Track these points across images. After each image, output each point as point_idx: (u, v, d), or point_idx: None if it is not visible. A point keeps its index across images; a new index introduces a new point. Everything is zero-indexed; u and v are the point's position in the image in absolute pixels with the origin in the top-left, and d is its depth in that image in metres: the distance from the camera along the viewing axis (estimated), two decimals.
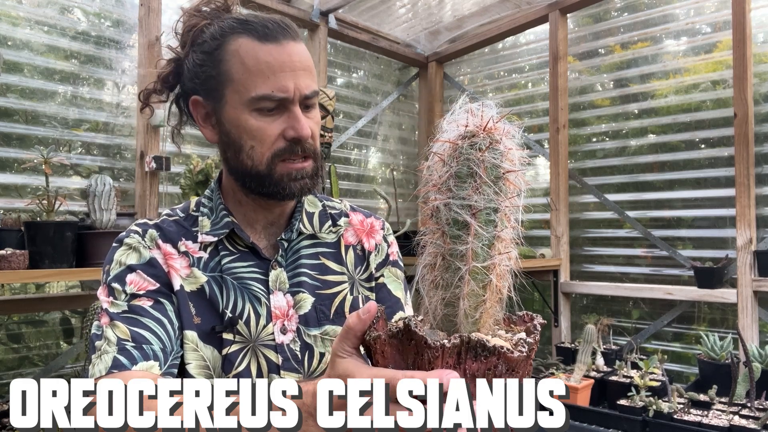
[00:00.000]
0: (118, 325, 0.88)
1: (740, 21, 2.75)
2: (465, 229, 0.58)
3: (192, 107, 1.00)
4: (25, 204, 2.09)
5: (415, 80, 4.16)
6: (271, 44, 0.92)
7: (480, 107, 0.61)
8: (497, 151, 0.59)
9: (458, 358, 0.55)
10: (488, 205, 0.58)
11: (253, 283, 0.96)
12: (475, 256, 0.58)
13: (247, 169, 0.94)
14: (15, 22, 2.30)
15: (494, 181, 0.58)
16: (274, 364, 0.94)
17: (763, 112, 2.82)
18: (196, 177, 2.53)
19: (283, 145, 0.93)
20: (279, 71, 0.91)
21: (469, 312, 0.59)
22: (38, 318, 2.40)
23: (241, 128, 0.93)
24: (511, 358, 0.55)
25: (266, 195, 0.96)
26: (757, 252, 2.70)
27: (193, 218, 1.01)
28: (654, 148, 3.20)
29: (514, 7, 3.54)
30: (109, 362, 0.84)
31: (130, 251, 0.95)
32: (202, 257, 0.97)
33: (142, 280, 0.92)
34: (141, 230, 0.98)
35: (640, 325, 3.22)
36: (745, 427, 2.10)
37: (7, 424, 1.95)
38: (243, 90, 0.92)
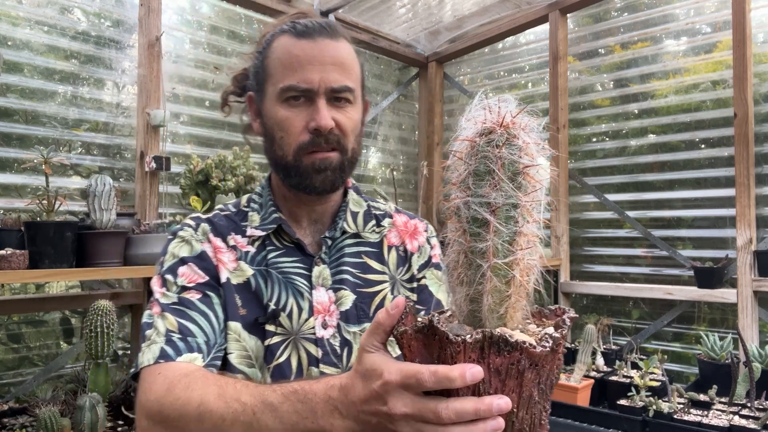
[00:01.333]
0: (167, 316, 0.92)
1: (740, 21, 2.75)
2: (485, 227, 0.58)
3: (248, 104, 1.07)
4: (25, 204, 2.09)
5: (415, 80, 4.15)
6: (305, 40, 0.97)
7: (497, 102, 0.61)
8: (514, 146, 0.59)
9: (481, 352, 0.55)
10: (507, 202, 0.58)
11: (296, 277, 1.00)
12: (495, 253, 0.58)
13: (278, 160, 0.99)
14: (15, 22, 2.29)
15: (512, 177, 0.58)
16: (313, 357, 0.96)
17: (763, 112, 2.82)
18: (196, 177, 2.53)
19: (308, 137, 0.96)
20: (307, 64, 0.95)
21: (494, 307, 0.59)
22: (38, 318, 2.40)
23: (273, 119, 0.98)
24: (533, 353, 0.55)
25: (294, 186, 1.00)
26: (757, 252, 2.70)
27: (243, 213, 1.06)
28: (654, 148, 3.20)
29: (514, 7, 3.54)
30: (157, 352, 0.88)
31: (183, 243, 1.00)
32: (249, 251, 1.00)
33: (192, 273, 0.97)
34: (194, 224, 1.03)
35: (640, 325, 3.22)
36: (745, 427, 2.10)
37: (6, 424, 1.95)
38: (276, 82, 0.97)
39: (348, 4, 3.20)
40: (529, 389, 0.56)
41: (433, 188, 4.01)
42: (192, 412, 0.75)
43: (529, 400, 0.57)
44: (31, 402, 2.00)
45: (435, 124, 4.10)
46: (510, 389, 0.56)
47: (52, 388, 2.13)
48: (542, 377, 0.57)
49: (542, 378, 0.57)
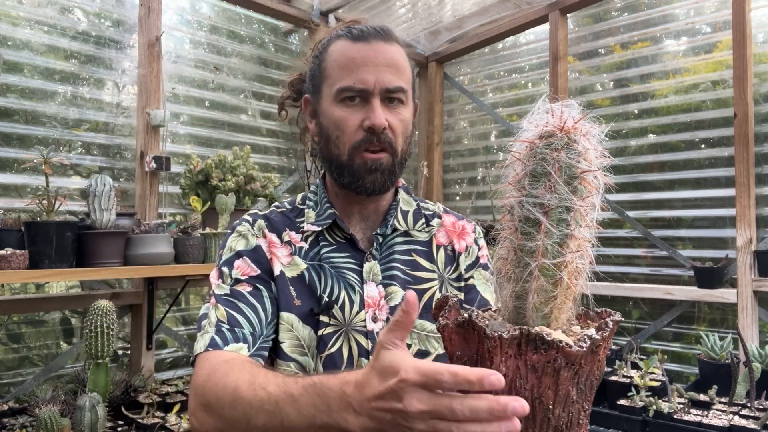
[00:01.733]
0: (220, 307, 0.99)
1: (740, 21, 2.75)
2: (536, 227, 0.59)
3: (303, 106, 1.11)
4: (25, 204, 2.09)
5: (415, 80, 4.15)
6: (360, 43, 1.01)
7: (560, 107, 0.62)
8: (573, 150, 0.60)
9: (518, 349, 0.56)
10: (561, 204, 0.59)
11: (348, 272, 1.04)
12: (545, 253, 0.59)
13: (333, 158, 1.03)
14: (15, 22, 2.30)
15: (568, 181, 0.59)
16: (364, 349, 1.00)
17: (763, 112, 2.82)
18: (196, 177, 2.53)
19: (362, 135, 1.00)
20: (363, 65, 0.99)
21: (539, 306, 0.60)
22: (38, 318, 2.40)
23: (329, 119, 1.02)
24: (569, 353, 0.55)
25: (346, 186, 1.03)
26: (757, 252, 2.70)
27: (298, 210, 1.11)
28: (654, 148, 3.20)
29: (514, 7, 3.54)
30: (207, 341, 0.95)
31: (240, 238, 1.06)
32: (303, 247, 1.05)
33: (246, 266, 1.02)
34: (251, 219, 1.08)
35: (640, 325, 3.21)
36: (745, 427, 2.10)
37: (6, 424, 1.95)
38: (333, 83, 1.02)
39: (348, 4, 3.20)
40: (566, 388, 0.57)
41: (433, 188, 4.01)
42: (227, 397, 0.81)
43: (566, 398, 0.57)
44: (31, 402, 2.00)
45: (435, 124, 4.10)
46: (546, 386, 0.57)
47: (52, 388, 2.13)
48: (581, 377, 0.58)
49: (581, 378, 0.58)
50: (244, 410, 0.78)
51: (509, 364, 0.57)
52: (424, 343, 1.03)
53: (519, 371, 0.57)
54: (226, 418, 0.81)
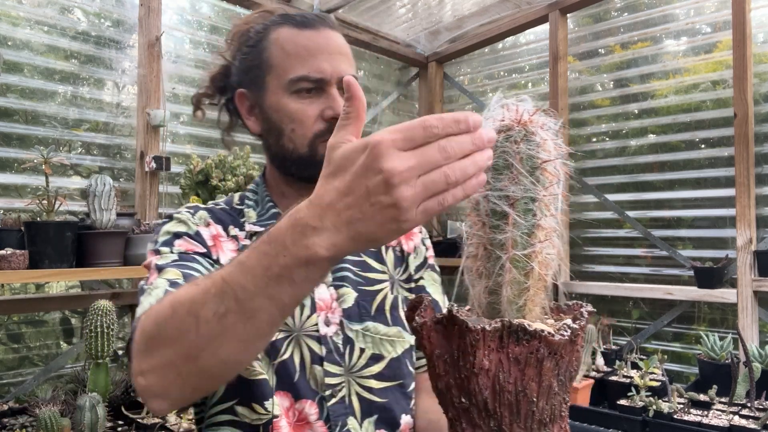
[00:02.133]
0: (169, 270, 0.85)
1: (740, 21, 2.75)
2: (504, 219, 0.59)
3: (238, 101, 1.03)
4: (25, 204, 2.09)
5: (415, 80, 4.15)
6: (309, 30, 0.96)
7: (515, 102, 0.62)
8: (533, 142, 0.60)
9: (500, 341, 0.56)
10: (525, 195, 0.59)
11: None
12: (514, 245, 0.59)
13: (288, 153, 0.97)
14: (15, 22, 2.29)
15: (531, 172, 0.60)
16: (317, 355, 0.94)
17: (763, 112, 2.82)
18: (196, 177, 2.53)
19: (323, 126, 0.94)
20: (317, 53, 0.94)
21: (513, 299, 0.60)
22: (38, 318, 2.40)
23: (281, 112, 0.96)
24: (552, 341, 0.55)
25: (308, 178, 0.94)
26: (757, 252, 2.70)
27: (237, 211, 1.03)
28: (654, 148, 3.20)
29: (514, 7, 3.53)
30: (161, 294, 0.78)
31: (179, 223, 0.96)
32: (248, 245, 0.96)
33: (189, 244, 0.93)
34: (192, 210, 1.00)
35: (640, 325, 3.21)
36: (745, 427, 2.10)
37: (6, 424, 1.95)
38: (282, 74, 0.95)
39: (348, 4, 3.20)
40: (549, 379, 0.57)
41: None
42: (166, 312, 0.64)
43: (549, 390, 0.57)
44: (31, 402, 2.00)
45: None
46: (530, 378, 0.56)
47: (52, 388, 2.13)
48: (561, 368, 0.58)
49: (561, 369, 0.58)
50: (187, 310, 0.61)
51: (492, 358, 0.56)
52: (378, 347, 0.98)
53: (502, 365, 0.56)
54: (171, 337, 0.62)
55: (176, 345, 0.62)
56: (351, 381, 0.95)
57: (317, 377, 0.93)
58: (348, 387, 0.94)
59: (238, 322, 0.58)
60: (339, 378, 0.94)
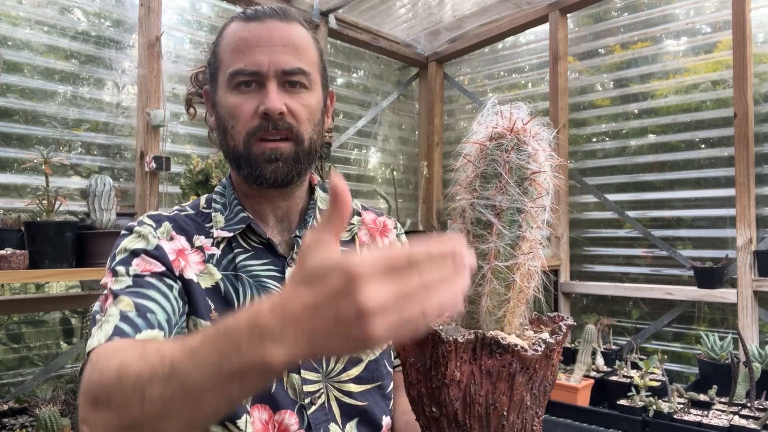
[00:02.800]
0: (122, 299, 0.81)
1: (740, 21, 2.75)
2: (488, 229, 0.59)
3: (204, 99, 1.02)
4: (25, 204, 2.09)
5: (415, 80, 4.15)
6: (253, 23, 0.92)
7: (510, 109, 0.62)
8: (523, 152, 0.59)
9: (473, 353, 0.55)
10: (512, 206, 0.59)
11: (269, 281, 0.93)
12: (497, 255, 0.58)
13: (230, 150, 0.94)
14: (15, 22, 2.29)
15: (519, 182, 0.59)
16: None
17: (763, 112, 2.82)
18: (196, 177, 2.53)
19: (257, 122, 0.90)
20: (255, 46, 0.90)
21: (492, 310, 0.59)
22: (38, 318, 2.40)
23: (224, 108, 0.93)
24: (524, 356, 0.55)
25: (246, 178, 0.94)
26: (757, 252, 2.70)
27: (204, 215, 0.99)
28: (654, 148, 3.20)
29: (514, 7, 3.54)
30: (110, 331, 0.76)
31: (138, 238, 0.91)
32: (215, 254, 0.94)
33: (146, 263, 0.88)
34: (154, 222, 0.94)
35: (640, 325, 3.21)
36: (745, 427, 2.10)
37: (6, 424, 1.95)
38: (225, 68, 0.93)
39: (348, 4, 3.20)
40: (521, 393, 0.56)
41: (433, 188, 4.01)
42: (112, 376, 0.62)
43: (520, 404, 0.57)
44: (31, 402, 2.00)
45: (435, 124, 4.09)
46: (501, 392, 0.56)
47: (52, 388, 2.13)
48: (535, 383, 0.57)
49: (535, 383, 0.57)
50: (133, 383, 0.59)
51: (464, 370, 0.55)
52: None
53: (474, 377, 0.55)
54: (115, 405, 0.61)
55: (120, 414, 0.60)
56: (329, 386, 0.93)
57: (295, 386, 0.90)
58: (327, 393, 0.92)
59: (183, 407, 0.56)
60: (317, 384, 0.92)
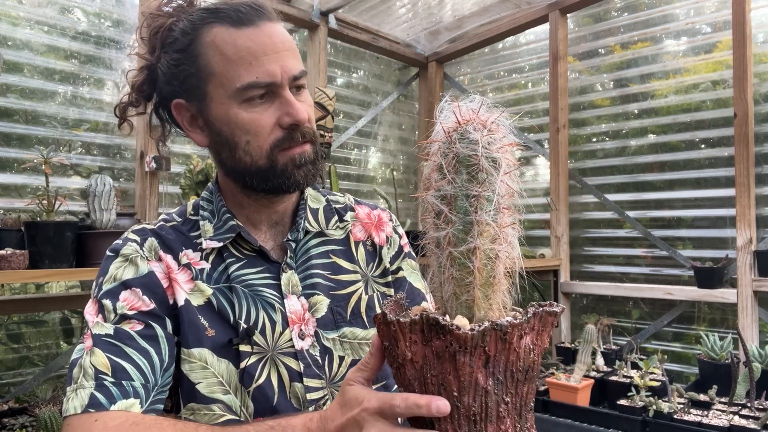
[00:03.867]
0: (98, 353, 0.80)
1: (740, 21, 2.75)
2: (443, 218, 0.62)
3: (175, 112, 0.93)
4: (25, 204, 2.09)
5: (415, 80, 4.15)
6: (248, 28, 0.86)
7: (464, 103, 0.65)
8: (467, 140, 0.62)
9: (423, 335, 0.58)
10: (459, 192, 0.61)
11: (264, 289, 0.91)
12: (451, 242, 0.61)
13: (246, 167, 0.89)
14: (15, 22, 2.29)
15: (463, 169, 0.61)
16: (295, 372, 0.89)
17: (763, 112, 2.82)
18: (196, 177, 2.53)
19: (281, 134, 0.88)
20: (262, 55, 0.85)
21: (458, 295, 0.62)
22: (38, 318, 2.40)
23: (232, 124, 0.87)
24: (459, 336, 0.56)
25: (271, 190, 0.91)
26: (757, 252, 2.70)
27: (191, 222, 0.95)
28: (654, 148, 3.20)
29: (514, 7, 3.54)
30: (86, 400, 0.76)
31: (126, 264, 0.88)
32: (205, 269, 0.91)
33: (136, 299, 0.85)
34: (140, 239, 0.91)
35: (640, 325, 3.21)
36: (745, 427, 2.10)
37: (6, 424, 1.95)
38: (227, 82, 0.86)
39: (348, 4, 3.20)
40: (471, 375, 0.57)
41: None
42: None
43: (474, 386, 0.57)
44: (31, 402, 2.00)
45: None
46: (446, 372, 0.57)
47: (52, 388, 2.13)
48: (496, 367, 0.57)
49: (497, 368, 0.57)
50: None
51: (416, 350, 0.58)
52: (357, 351, 0.94)
53: (426, 358, 0.58)
54: None
55: None
56: (334, 392, 0.91)
57: (299, 395, 0.88)
58: (332, 398, 0.90)
59: None
60: (321, 391, 0.90)
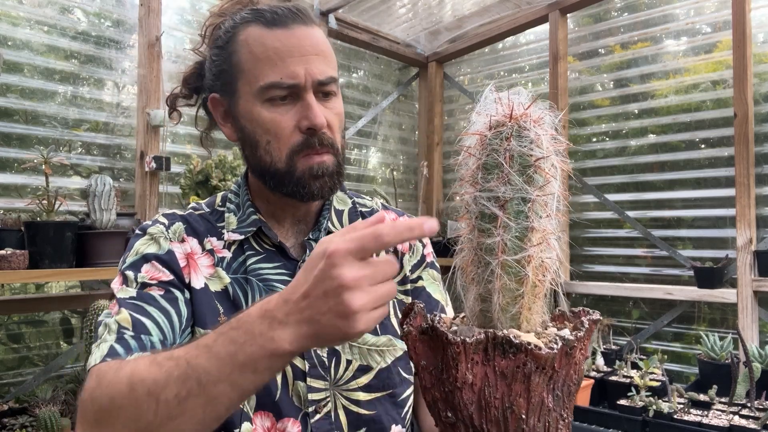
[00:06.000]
0: (122, 311, 0.82)
1: (740, 21, 2.75)
2: (493, 222, 0.57)
3: (211, 106, 0.96)
4: (25, 204, 2.09)
5: (415, 80, 4.15)
6: (279, 29, 0.87)
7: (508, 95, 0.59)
8: (524, 138, 0.57)
9: (485, 354, 0.53)
10: (516, 195, 0.56)
11: (279, 285, 0.91)
12: (505, 249, 0.56)
13: (266, 167, 0.90)
14: (15, 22, 2.29)
15: (522, 170, 0.57)
16: (299, 370, 0.88)
17: (763, 112, 2.82)
18: (196, 177, 2.53)
19: (300, 138, 0.87)
20: (288, 57, 0.86)
21: (505, 307, 0.57)
22: (38, 318, 2.40)
23: (254, 122, 0.89)
24: (539, 355, 0.52)
25: (287, 195, 0.91)
26: (757, 252, 2.70)
27: (218, 213, 0.97)
28: (654, 148, 3.20)
29: (514, 7, 3.53)
30: (105, 350, 0.78)
31: (150, 241, 0.91)
32: (225, 257, 0.92)
33: (156, 271, 0.88)
34: (167, 222, 0.94)
35: (640, 325, 3.21)
36: (745, 427, 2.09)
37: (6, 424, 1.95)
38: (253, 80, 0.87)
39: (348, 4, 3.20)
40: (540, 395, 0.54)
41: (433, 188, 4.00)
42: (123, 387, 0.64)
43: (540, 406, 0.54)
44: (31, 402, 2.00)
45: (435, 124, 4.09)
46: (517, 394, 0.53)
47: (52, 388, 2.13)
48: (557, 383, 0.54)
49: (557, 384, 0.54)
50: (147, 390, 0.62)
51: (476, 372, 0.54)
52: (366, 357, 0.91)
53: (488, 378, 0.54)
54: (125, 416, 0.63)
55: (131, 423, 0.63)
56: (337, 394, 0.89)
57: (300, 393, 0.87)
58: (334, 401, 0.89)
59: (198, 406, 0.60)
60: (324, 393, 0.89)
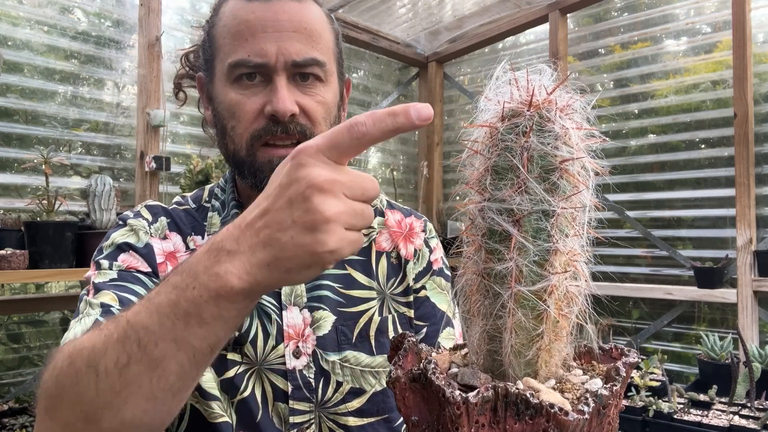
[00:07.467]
0: (105, 293, 0.73)
1: (740, 21, 2.75)
2: (505, 242, 0.43)
3: (198, 88, 0.88)
4: (25, 204, 2.09)
5: (415, 80, 4.15)
6: (256, 2, 0.77)
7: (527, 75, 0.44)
8: (548, 133, 0.43)
9: (494, 415, 0.40)
10: (536, 208, 0.43)
11: (263, 296, 0.80)
12: (520, 277, 0.43)
13: (230, 154, 0.81)
14: (15, 22, 2.29)
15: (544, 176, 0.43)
16: (281, 391, 0.80)
17: (763, 112, 2.82)
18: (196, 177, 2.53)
19: (263, 124, 0.77)
20: (260, 32, 0.75)
21: (519, 349, 0.44)
22: (38, 318, 2.40)
23: (223, 104, 0.80)
24: (564, 422, 0.38)
25: (251, 188, 0.82)
26: (757, 252, 2.70)
27: (204, 210, 0.90)
28: (654, 148, 3.20)
29: (514, 7, 3.53)
30: (89, 324, 0.68)
31: (130, 233, 0.83)
32: None
33: (133, 260, 0.80)
34: (151, 218, 0.86)
35: (640, 325, 3.21)
36: (745, 427, 2.09)
37: (6, 424, 1.95)
38: (224, 57, 0.78)
39: (348, 4, 3.20)
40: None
41: (433, 188, 4.01)
42: (64, 363, 0.55)
43: None
44: (31, 402, 2.00)
45: (435, 124, 4.09)
46: None
47: None
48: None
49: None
50: (87, 360, 0.52)
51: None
52: (359, 380, 0.83)
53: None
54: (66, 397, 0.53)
55: (75, 405, 0.52)
56: (322, 416, 0.82)
57: (281, 415, 0.80)
58: (318, 423, 0.81)
59: (142, 373, 0.49)
60: (307, 415, 0.81)
